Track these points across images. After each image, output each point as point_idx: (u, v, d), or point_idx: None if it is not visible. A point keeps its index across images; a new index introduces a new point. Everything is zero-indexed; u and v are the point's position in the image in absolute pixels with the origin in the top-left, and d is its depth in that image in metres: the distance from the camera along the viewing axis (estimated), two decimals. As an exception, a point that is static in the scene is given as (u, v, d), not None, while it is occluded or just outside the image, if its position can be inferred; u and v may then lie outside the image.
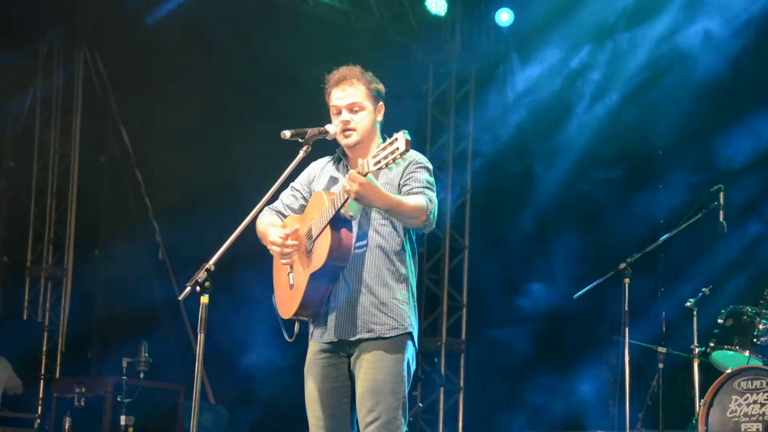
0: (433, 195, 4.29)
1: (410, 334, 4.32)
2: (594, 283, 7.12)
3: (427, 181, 4.32)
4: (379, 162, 3.88)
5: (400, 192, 4.29)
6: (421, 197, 4.22)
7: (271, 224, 4.47)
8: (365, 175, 3.95)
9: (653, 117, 10.00)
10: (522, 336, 10.64)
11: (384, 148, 3.88)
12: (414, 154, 4.37)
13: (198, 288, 3.97)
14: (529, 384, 10.64)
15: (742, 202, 8.42)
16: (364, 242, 4.29)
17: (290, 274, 4.35)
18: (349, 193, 3.98)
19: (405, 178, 4.32)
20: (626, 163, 10.10)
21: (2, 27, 10.22)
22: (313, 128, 4.36)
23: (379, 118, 4.47)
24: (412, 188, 4.28)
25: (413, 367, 4.37)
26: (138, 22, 10.42)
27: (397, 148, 3.82)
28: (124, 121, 11.26)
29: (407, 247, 4.36)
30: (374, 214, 4.32)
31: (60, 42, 11.39)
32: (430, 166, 4.42)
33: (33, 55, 11.35)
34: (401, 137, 3.82)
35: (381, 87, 4.49)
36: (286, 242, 4.29)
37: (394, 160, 3.84)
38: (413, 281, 4.41)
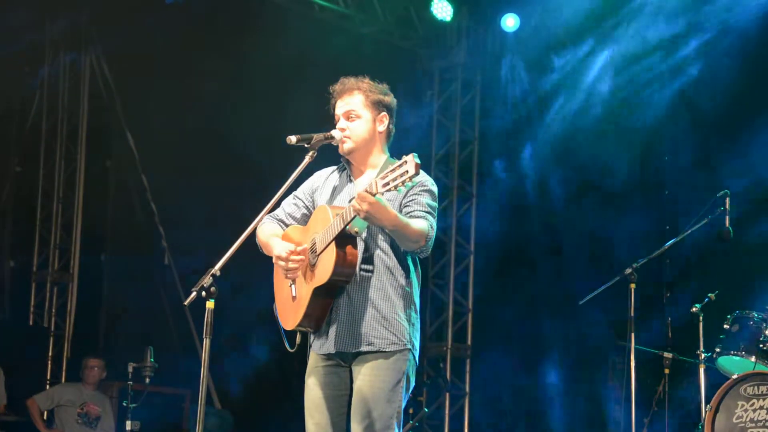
0: (434, 221, 4.27)
1: (410, 350, 4.32)
2: (600, 289, 7.11)
3: (429, 206, 4.30)
4: (387, 184, 3.87)
5: (400, 211, 4.27)
6: (423, 222, 4.20)
7: (272, 235, 4.46)
8: (374, 194, 3.95)
9: (658, 121, 10.00)
10: (527, 341, 10.64)
11: (393, 170, 3.87)
12: (420, 176, 4.31)
13: (204, 293, 3.98)
14: (535, 389, 10.64)
15: (748, 207, 8.41)
16: (370, 266, 4.28)
17: (292, 286, 4.34)
18: (358, 212, 3.98)
19: (408, 199, 4.30)
20: (630, 165, 10.11)
21: (7, 32, 10.24)
22: (319, 134, 4.36)
23: (380, 128, 4.44)
24: (414, 211, 4.26)
25: (413, 382, 4.36)
26: (143, 26, 10.44)
27: (407, 171, 3.81)
28: (130, 126, 11.28)
29: (410, 263, 4.36)
30: (378, 232, 4.30)
31: (66, 47, 11.40)
32: (435, 189, 4.39)
33: (39, 60, 11.36)
34: (411, 161, 3.81)
35: (386, 98, 4.46)
36: (291, 258, 4.27)
37: (403, 183, 3.84)
38: (416, 297, 4.39)
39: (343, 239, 4.14)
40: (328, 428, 4.34)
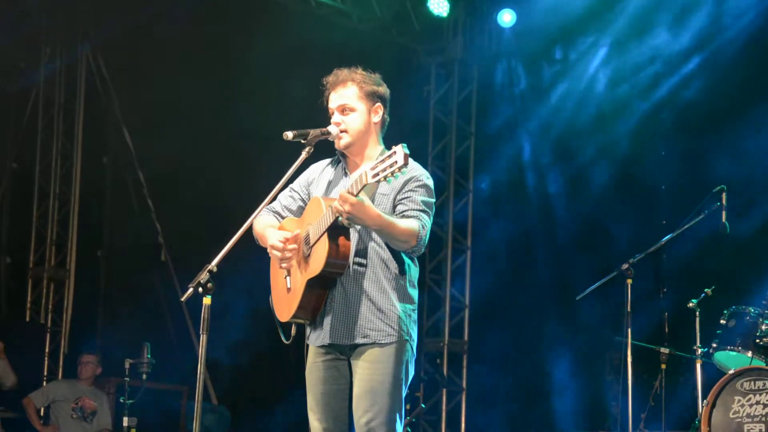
0: (427, 219, 4.24)
1: (408, 341, 4.30)
2: (597, 284, 7.11)
3: (424, 203, 4.26)
4: (377, 175, 3.85)
5: (394, 207, 4.27)
6: (414, 222, 4.17)
7: (268, 226, 4.45)
8: (357, 194, 3.93)
9: (655, 116, 10.01)
10: (524, 336, 10.65)
11: (383, 161, 3.84)
12: (415, 169, 4.32)
13: (200, 289, 3.97)
14: (532, 385, 10.65)
15: (745, 202, 8.41)
16: (364, 259, 4.27)
17: (287, 278, 4.34)
18: (340, 213, 3.97)
19: (402, 195, 4.27)
20: (627, 160, 10.12)
21: (4, 28, 10.22)
22: (315, 129, 4.34)
23: (375, 119, 4.41)
24: (408, 210, 4.23)
25: (411, 372, 4.35)
26: (139, 22, 10.43)
27: (396, 162, 3.79)
28: (127, 122, 11.27)
29: (405, 256, 4.33)
30: None
31: (62, 43, 11.39)
32: (431, 183, 4.36)
33: (35, 56, 11.35)
34: (400, 151, 3.78)
35: (380, 89, 4.43)
36: (287, 246, 4.27)
37: (392, 173, 3.81)
38: (413, 290, 4.37)
39: (336, 231, 4.12)
40: (331, 423, 4.34)
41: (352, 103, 4.38)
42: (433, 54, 11.48)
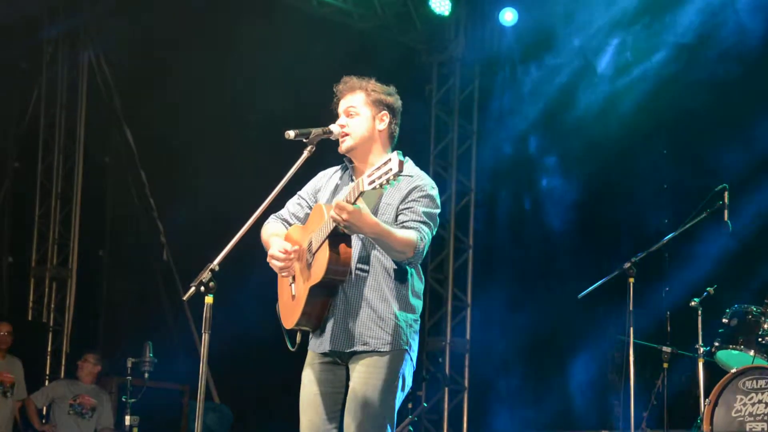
0: (427, 231, 4.22)
1: (407, 351, 4.29)
2: (598, 283, 7.11)
3: (426, 214, 4.24)
4: (374, 182, 3.85)
5: (397, 216, 4.26)
6: (413, 233, 4.15)
7: (274, 234, 4.46)
8: (354, 202, 3.93)
9: (657, 114, 10.00)
10: (526, 336, 10.65)
11: (378, 168, 3.84)
12: (421, 178, 4.31)
13: (202, 288, 3.98)
14: (534, 384, 10.65)
15: (747, 201, 8.41)
16: (366, 266, 4.27)
17: (292, 285, 4.35)
18: (337, 222, 3.97)
19: (405, 206, 4.26)
20: (628, 158, 10.11)
21: (6, 27, 10.23)
22: (317, 128, 4.34)
23: (380, 126, 4.40)
24: (408, 220, 4.22)
25: (409, 383, 4.34)
26: (141, 22, 10.44)
27: (390, 169, 3.79)
28: (129, 121, 11.28)
29: (409, 267, 4.32)
30: None
31: (64, 42, 11.40)
32: (435, 193, 4.33)
33: (37, 56, 11.36)
34: (395, 158, 3.78)
35: (388, 98, 4.43)
36: (289, 257, 4.28)
37: (388, 181, 3.81)
38: (416, 302, 4.34)
39: (337, 238, 4.12)
40: (321, 425, 4.32)
41: (357, 108, 4.39)
42: (435, 53, 11.48)
